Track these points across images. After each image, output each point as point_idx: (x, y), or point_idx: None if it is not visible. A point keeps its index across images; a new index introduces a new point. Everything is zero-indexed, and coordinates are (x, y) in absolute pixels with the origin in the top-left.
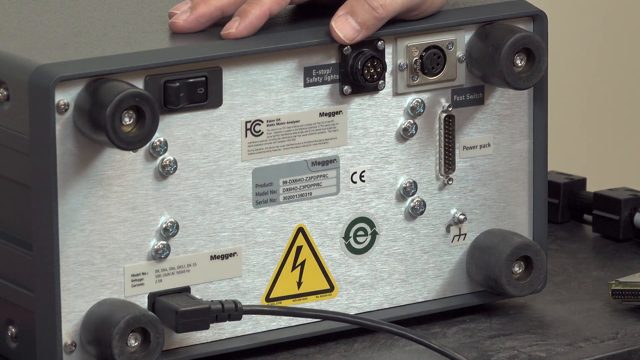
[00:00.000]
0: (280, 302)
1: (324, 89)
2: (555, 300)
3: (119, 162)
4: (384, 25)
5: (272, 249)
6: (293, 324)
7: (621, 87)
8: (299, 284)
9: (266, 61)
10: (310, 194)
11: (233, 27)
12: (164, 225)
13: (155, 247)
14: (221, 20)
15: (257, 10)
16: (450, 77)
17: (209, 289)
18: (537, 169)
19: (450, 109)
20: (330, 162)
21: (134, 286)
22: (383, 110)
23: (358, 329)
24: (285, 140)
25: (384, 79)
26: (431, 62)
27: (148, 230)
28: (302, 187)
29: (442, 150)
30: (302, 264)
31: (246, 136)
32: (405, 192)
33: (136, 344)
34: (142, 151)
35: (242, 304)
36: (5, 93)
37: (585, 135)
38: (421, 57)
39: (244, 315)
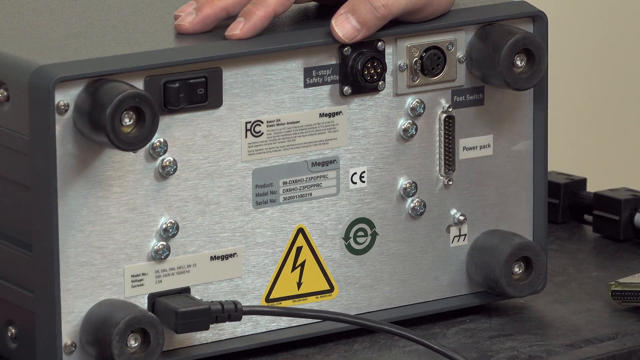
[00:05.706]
0: (280, 303)
1: (324, 89)
2: (555, 301)
3: (119, 162)
4: (384, 26)
5: (272, 249)
6: (293, 325)
7: (621, 87)
8: (299, 284)
9: (266, 62)
10: (310, 194)
11: (237, 29)
12: (163, 226)
13: (155, 247)
14: (225, 22)
15: (262, 12)
16: (450, 77)
17: (208, 290)
18: (537, 169)
19: (450, 110)
20: (330, 163)
21: (134, 287)
22: (383, 111)
23: (358, 330)
24: (285, 140)
25: (384, 79)
26: (431, 62)
27: (148, 231)
28: (302, 188)
29: (442, 150)
30: (302, 264)
31: (246, 137)
32: (405, 192)
33: (136, 344)
34: (142, 152)
35: (242, 304)
36: (5, 94)
37: (585, 135)
38: (421, 57)
39: (243, 316)
